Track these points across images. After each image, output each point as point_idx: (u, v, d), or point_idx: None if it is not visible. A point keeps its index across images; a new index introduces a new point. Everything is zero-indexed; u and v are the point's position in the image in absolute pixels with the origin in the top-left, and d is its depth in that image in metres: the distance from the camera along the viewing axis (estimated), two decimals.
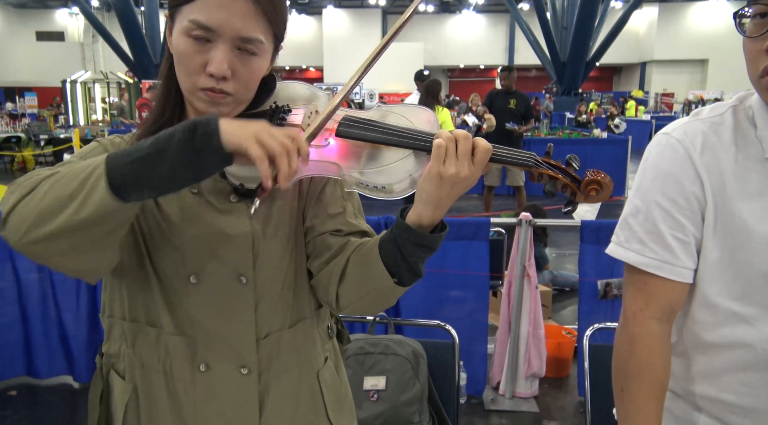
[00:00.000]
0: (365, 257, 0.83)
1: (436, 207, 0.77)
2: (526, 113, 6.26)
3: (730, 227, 0.91)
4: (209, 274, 0.87)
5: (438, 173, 0.75)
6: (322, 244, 0.90)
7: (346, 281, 0.86)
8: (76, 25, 27.27)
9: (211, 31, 0.78)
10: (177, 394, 0.89)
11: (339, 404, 1.01)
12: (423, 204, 0.77)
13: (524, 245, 2.80)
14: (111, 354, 0.93)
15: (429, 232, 0.78)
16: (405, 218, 0.79)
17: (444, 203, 0.77)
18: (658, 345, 0.95)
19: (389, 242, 0.80)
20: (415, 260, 0.79)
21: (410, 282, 0.82)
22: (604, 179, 0.80)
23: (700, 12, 25.86)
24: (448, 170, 0.74)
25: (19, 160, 11.54)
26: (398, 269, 0.80)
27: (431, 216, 0.77)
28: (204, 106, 0.83)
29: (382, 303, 0.87)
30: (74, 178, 0.67)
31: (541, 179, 0.81)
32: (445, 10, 28.80)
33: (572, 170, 0.81)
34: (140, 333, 0.90)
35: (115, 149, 0.83)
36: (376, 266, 0.81)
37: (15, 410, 2.81)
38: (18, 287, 2.86)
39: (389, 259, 0.80)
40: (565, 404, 2.90)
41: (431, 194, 0.76)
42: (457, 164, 0.75)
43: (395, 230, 0.79)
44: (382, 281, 0.81)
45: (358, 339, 1.89)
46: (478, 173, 0.77)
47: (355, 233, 0.91)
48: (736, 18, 0.87)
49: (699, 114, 0.98)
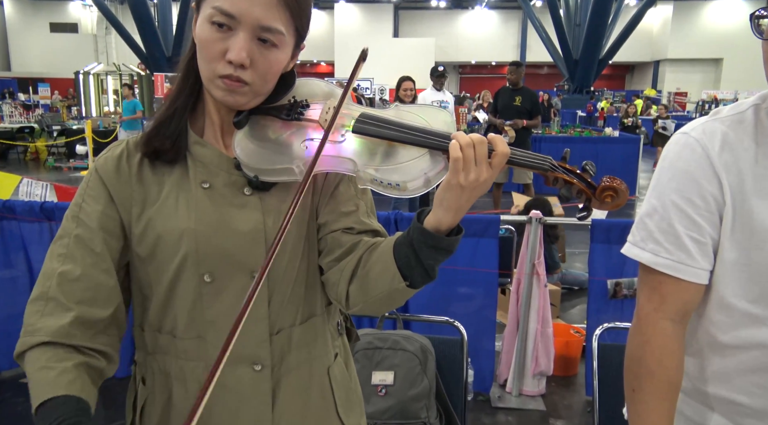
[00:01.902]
0: (378, 258, 0.83)
1: (456, 212, 0.77)
2: (533, 110, 6.15)
3: (748, 227, 0.90)
4: (223, 271, 0.87)
5: (459, 184, 0.75)
6: (333, 241, 0.90)
7: (356, 280, 0.86)
8: (90, 17, 27.43)
9: (233, 18, 0.79)
10: (191, 394, 0.90)
11: (348, 400, 1.01)
12: (444, 211, 0.77)
13: (534, 243, 2.80)
14: (139, 363, 0.95)
15: (446, 235, 0.78)
16: (423, 222, 0.79)
17: (464, 207, 0.77)
18: (671, 346, 0.94)
19: (404, 245, 0.80)
20: (431, 264, 0.79)
21: (421, 285, 0.82)
22: (620, 185, 0.79)
23: (715, 11, 25.59)
24: (468, 178, 0.75)
25: (32, 150, 11.66)
26: (411, 272, 0.80)
27: (451, 221, 0.78)
28: (221, 94, 0.83)
29: (391, 304, 0.86)
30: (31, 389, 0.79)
31: (556, 184, 0.81)
32: (457, 6, 28.70)
33: (588, 175, 0.81)
34: (158, 340, 0.91)
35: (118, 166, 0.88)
36: (389, 267, 0.81)
37: (27, 398, 2.81)
38: (31, 277, 2.89)
39: (403, 262, 0.80)
40: (572, 403, 2.90)
41: (452, 202, 0.76)
42: (476, 169, 0.75)
43: (412, 233, 0.79)
44: (393, 283, 0.81)
45: (367, 334, 1.90)
46: (496, 174, 0.77)
47: (367, 231, 0.90)
48: (753, 20, 0.86)
49: (718, 113, 0.96)
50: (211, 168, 0.88)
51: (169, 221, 0.86)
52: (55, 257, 0.85)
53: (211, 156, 0.89)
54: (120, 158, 0.89)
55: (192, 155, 0.89)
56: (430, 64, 6.58)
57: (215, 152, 0.89)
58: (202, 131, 0.92)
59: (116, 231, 0.87)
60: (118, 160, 0.89)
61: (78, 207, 0.87)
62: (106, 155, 0.91)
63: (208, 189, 0.87)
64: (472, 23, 28.99)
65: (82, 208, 0.87)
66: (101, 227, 0.86)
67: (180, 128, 0.88)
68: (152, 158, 0.88)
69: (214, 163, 0.89)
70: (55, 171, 10.31)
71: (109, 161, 0.89)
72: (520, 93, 6.15)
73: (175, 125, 0.88)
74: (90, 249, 0.85)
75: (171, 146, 0.87)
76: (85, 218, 0.86)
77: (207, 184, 0.88)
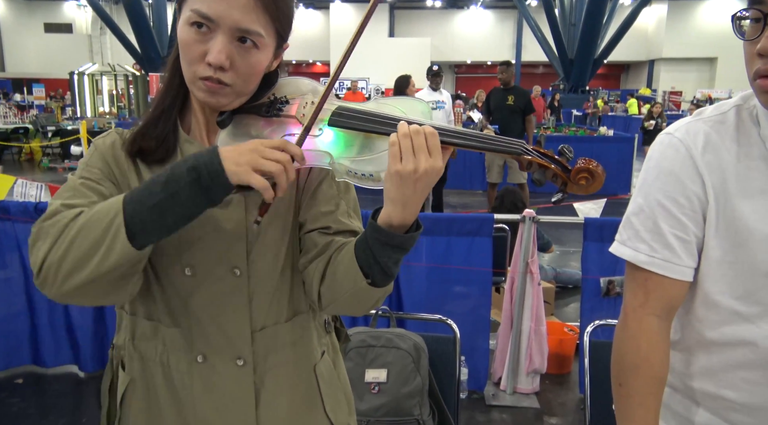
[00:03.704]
0: (343, 258, 0.84)
1: (404, 206, 0.76)
2: (526, 109, 6.10)
3: (731, 226, 0.91)
4: (204, 266, 0.88)
5: (396, 171, 0.74)
6: (309, 241, 0.90)
7: (326, 280, 0.86)
8: (84, 17, 27.30)
9: (211, 20, 0.80)
10: (175, 386, 0.90)
11: (336, 398, 1.02)
12: (391, 204, 0.77)
13: (527, 241, 2.81)
14: (119, 346, 0.95)
15: (404, 232, 0.78)
16: (377, 219, 0.79)
17: (411, 201, 0.76)
18: (656, 341, 0.96)
19: (362, 243, 0.80)
20: (385, 261, 0.78)
21: (383, 283, 0.81)
22: (596, 168, 0.78)
23: (709, 10, 25.65)
24: (405, 167, 0.74)
25: (26, 151, 11.61)
26: (371, 270, 0.79)
27: (401, 216, 0.77)
28: (203, 95, 0.84)
29: (361, 304, 0.85)
30: (96, 225, 0.73)
31: (530, 168, 0.80)
32: (452, 6, 28.69)
33: (564, 159, 0.80)
34: (139, 325, 0.92)
35: (113, 153, 0.87)
36: (351, 266, 0.81)
37: (22, 398, 2.84)
38: (25, 277, 2.89)
39: (363, 260, 0.79)
40: (566, 400, 2.91)
41: (394, 193, 0.75)
42: (414, 160, 0.74)
43: (367, 230, 0.79)
44: (356, 283, 0.80)
45: (360, 331, 1.91)
46: (438, 164, 0.75)
47: (344, 232, 0.90)
48: (734, 21, 0.88)
49: (701, 113, 0.98)
50: None
51: None
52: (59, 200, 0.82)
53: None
54: (115, 143, 0.90)
55: (182, 153, 0.90)
56: (426, 64, 6.59)
57: (201, 149, 0.90)
58: (189, 129, 0.93)
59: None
60: (113, 145, 0.90)
61: (81, 170, 0.86)
62: (105, 137, 0.91)
63: None
64: (468, 23, 28.99)
65: (86, 168, 0.86)
66: (107, 179, 0.86)
67: (168, 128, 0.89)
68: (140, 158, 0.88)
69: None
70: (50, 172, 10.27)
71: (108, 143, 0.90)
72: (512, 92, 6.09)
73: (163, 126, 0.88)
74: (98, 191, 0.84)
75: (157, 147, 0.87)
76: (90, 175, 0.85)
77: None
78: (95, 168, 0.86)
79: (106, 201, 0.76)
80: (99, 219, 0.73)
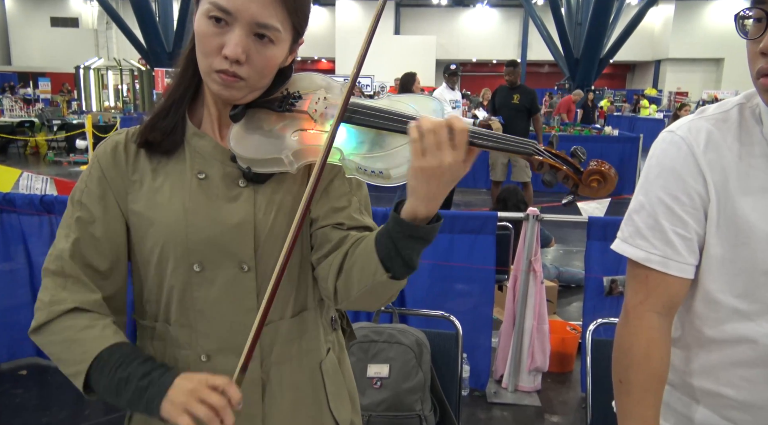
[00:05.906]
0: (361, 252, 0.84)
1: (429, 201, 0.76)
2: (532, 108, 6.08)
3: (732, 224, 0.91)
4: (212, 262, 0.88)
5: (420, 168, 0.74)
6: (323, 237, 0.90)
7: (343, 275, 0.86)
8: (91, 11, 27.34)
9: (229, 13, 0.81)
10: None
11: (341, 395, 1.02)
12: (416, 199, 0.76)
13: (530, 239, 2.81)
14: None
15: (426, 223, 0.78)
16: (400, 213, 0.79)
17: (436, 195, 0.76)
18: (657, 338, 0.96)
19: (384, 236, 0.79)
20: (408, 253, 0.78)
21: (404, 276, 0.81)
22: (608, 170, 0.77)
23: (716, 10, 25.52)
24: (429, 163, 0.73)
25: (32, 144, 11.65)
26: (392, 263, 0.79)
27: (426, 210, 0.77)
28: (217, 88, 0.85)
29: (377, 298, 0.86)
30: (67, 355, 0.87)
31: (542, 169, 0.79)
32: (458, 4, 28.63)
33: (576, 161, 0.79)
34: (146, 328, 0.93)
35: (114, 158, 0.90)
36: (371, 260, 0.80)
37: (25, 389, 2.86)
38: (30, 270, 2.90)
39: (383, 253, 0.79)
40: (567, 399, 2.92)
41: (420, 189, 0.75)
42: (437, 154, 0.73)
43: (390, 224, 0.79)
44: (376, 276, 0.80)
45: (363, 327, 1.91)
46: (462, 158, 0.74)
47: (357, 227, 0.90)
48: (737, 20, 0.88)
49: (704, 112, 0.98)
50: (207, 159, 0.90)
51: (161, 209, 0.88)
52: (62, 238, 0.89)
53: (208, 147, 0.90)
54: (118, 146, 0.91)
55: (190, 146, 0.90)
56: (431, 62, 6.55)
57: (212, 143, 0.91)
58: (200, 122, 0.93)
59: (116, 214, 0.90)
60: (115, 148, 0.91)
61: (80, 192, 0.90)
62: (106, 143, 0.93)
63: (204, 180, 0.89)
64: (474, 21, 28.92)
65: (85, 191, 0.90)
66: (102, 200, 0.89)
67: (176, 120, 0.90)
68: (147, 149, 0.90)
69: (210, 153, 0.90)
70: (55, 165, 10.31)
71: (108, 149, 0.91)
72: (518, 91, 6.07)
73: (171, 118, 0.89)
74: (90, 233, 0.88)
75: (164, 138, 0.88)
76: (86, 201, 0.89)
77: (203, 174, 0.89)
78: (92, 192, 0.89)
79: (82, 344, 0.85)
80: (69, 359, 0.87)
